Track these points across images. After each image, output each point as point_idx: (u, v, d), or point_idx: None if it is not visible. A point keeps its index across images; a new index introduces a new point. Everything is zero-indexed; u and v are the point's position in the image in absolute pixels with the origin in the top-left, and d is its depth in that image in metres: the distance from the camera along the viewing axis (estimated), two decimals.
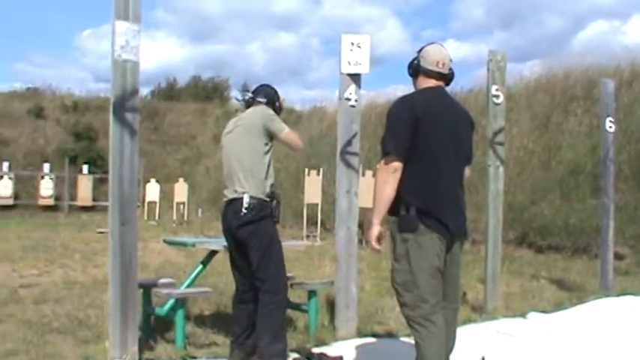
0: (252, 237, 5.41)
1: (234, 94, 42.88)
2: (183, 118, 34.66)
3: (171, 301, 6.25)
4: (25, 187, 27.26)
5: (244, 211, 5.38)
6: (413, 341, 4.31)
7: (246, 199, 5.39)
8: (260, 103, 5.73)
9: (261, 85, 5.97)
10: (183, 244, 7.35)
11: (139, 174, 5.38)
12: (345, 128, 6.81)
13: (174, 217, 24.96)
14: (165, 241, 7.76)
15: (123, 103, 5.46)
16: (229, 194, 5.54)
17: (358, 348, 6.20)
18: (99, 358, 5.65)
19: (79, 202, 27.39)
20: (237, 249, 5.59)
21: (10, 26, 79.24)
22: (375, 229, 4.32)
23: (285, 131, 5.58)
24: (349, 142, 6.78)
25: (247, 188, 5.40)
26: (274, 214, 5.51)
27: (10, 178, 26.26)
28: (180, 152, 32.54)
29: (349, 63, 6.72)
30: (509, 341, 6.65)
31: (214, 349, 6.17)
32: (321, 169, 18.84)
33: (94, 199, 27.37)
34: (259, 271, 5.43)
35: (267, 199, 5.48)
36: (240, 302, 5.73)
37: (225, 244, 5.79)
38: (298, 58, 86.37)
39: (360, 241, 7.15)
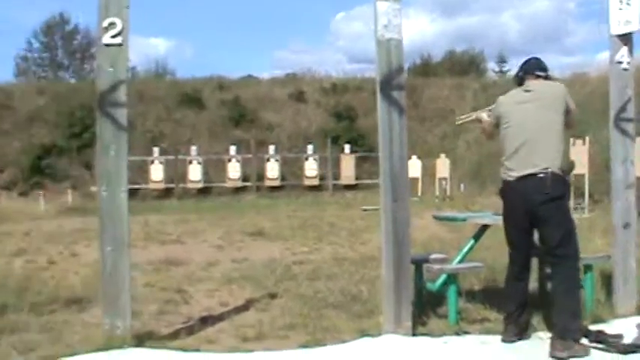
0: (555, 213, 5.28)
1: (491, 66, 42.27)
2: (440, 93, 34.48)
3: (443, 277, 6.27)
4: (291, 168, 28.42)
5: (550, 187, 5.24)
6: None
7: (552, 176, 5.25)
8: (539, 77, 5.58)
9: (529, 59, 5.78)
10: (454, 219, 7.34)
11: None
12: (617, 93, 6.47)
13: (437, 193, 25.00)
14: (434, 216, 7.79)
15: (389, 82, 5.52)
16: (525, 169, 5.35)
17: None
18: (373, 332, 5.74)
19: (343, 181, 28.03)
20: (524, 226, 5.47)
21: (270, 18, 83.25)
22: None
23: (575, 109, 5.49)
24: (623, 108, 6.44)
25: (551, 164, 5.26)
26: (569, 191, 5.40)
27: (276, 161, 27.54)
28: (439, 128, 32.44)
29: (619, 23, 6.35)
30: None
31: (487, 325, 6.10)
32: (587, 138, 18.05)
33: (356, 178, 27.94)
34: (562, 247, 5.28)
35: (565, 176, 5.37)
36: (514, 279, 5.64)
37: (497, 218, 5.69)
38: (554, 23, 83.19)
39: (638, 213, 6.76)
